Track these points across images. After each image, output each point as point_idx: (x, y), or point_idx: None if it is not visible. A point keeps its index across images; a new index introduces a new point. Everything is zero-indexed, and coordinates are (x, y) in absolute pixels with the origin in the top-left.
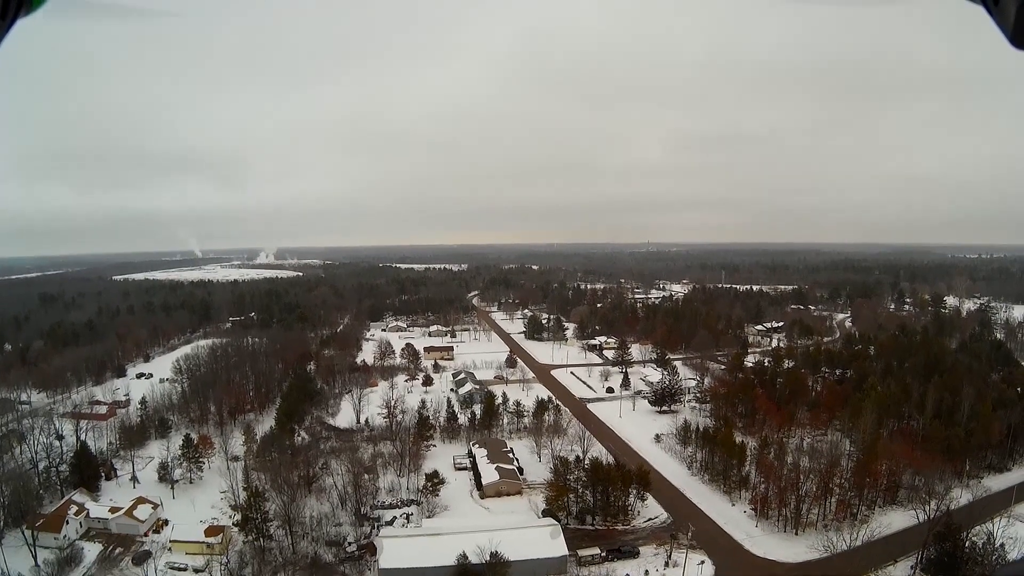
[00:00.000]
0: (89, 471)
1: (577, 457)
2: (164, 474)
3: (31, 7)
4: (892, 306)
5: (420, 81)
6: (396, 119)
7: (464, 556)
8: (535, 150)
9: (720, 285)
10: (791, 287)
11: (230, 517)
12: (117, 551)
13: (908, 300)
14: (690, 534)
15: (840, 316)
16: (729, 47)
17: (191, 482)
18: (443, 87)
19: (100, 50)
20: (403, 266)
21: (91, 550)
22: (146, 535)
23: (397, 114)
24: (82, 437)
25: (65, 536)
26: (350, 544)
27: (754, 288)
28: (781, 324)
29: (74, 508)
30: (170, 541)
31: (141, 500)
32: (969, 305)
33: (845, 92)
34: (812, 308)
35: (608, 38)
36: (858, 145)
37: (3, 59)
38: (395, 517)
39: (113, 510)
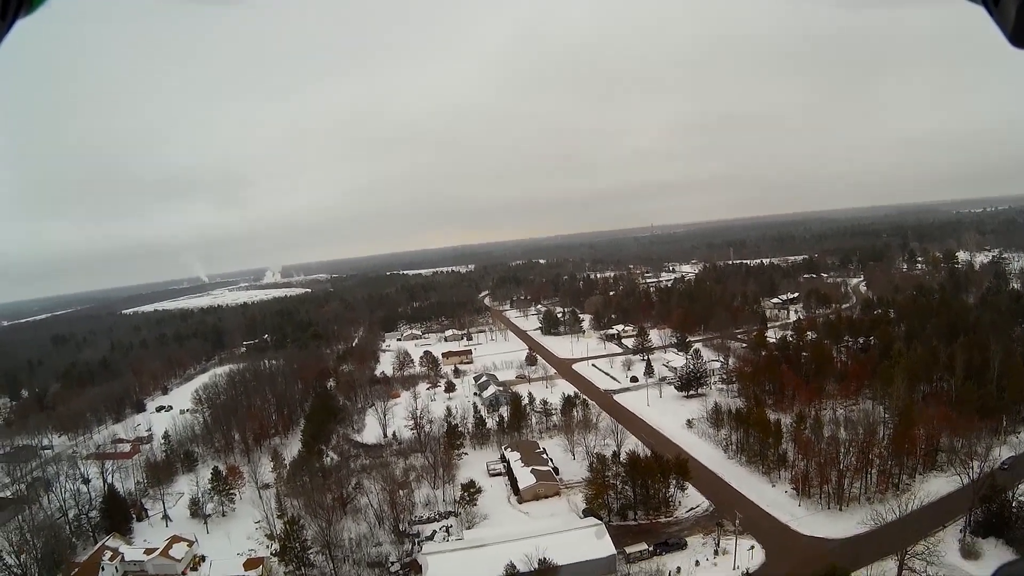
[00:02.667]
0: (119, 514)
1: (614, 452)
2: (196, 509)
3: (31, 7)
4: (904, 267)
5: (416, 81)
6: (393, 121)
7: (512, 566)
8: (535, 144)
9: (730, 262)
10: (801, 257)
11: (268, 547)
12: None
13: (919, 259)
14: (738, 522)
15: (854, 281)
16: (723, 27)
17: (224, 515)
18: (439, 87)
19: (93, 66)
20: (411, 272)
21: None
22: (184, 573)
23: (394, 116)
24: (108, 479)
25: None
26: (393, 563)
27: (764, 262)
28: (796, 295)
29: (108, 554)
30: None
31: (176, 539)
32: (981, 258)
33: (841, 63)
34: (824, 276)
35: (603, 27)
36: (857, 113)
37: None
38: (435, 531)
39: (148, 551)
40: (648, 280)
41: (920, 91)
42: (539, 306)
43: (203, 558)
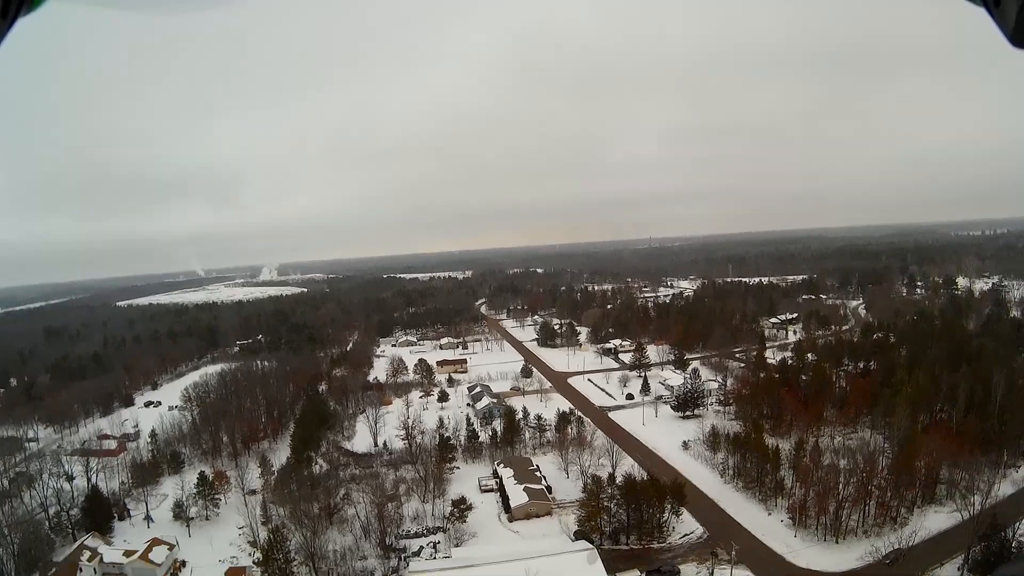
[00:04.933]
0: (101, 513)
1: (610, 474)
2: (179, 512)
3: (31, 7)
4: (904, 290)
5: (413, 88)
6: (391, 128)
7: None
8: (533, 150)
9: (728, 279)
10: (800, 277)
11: (250, 555)
12: None
13: (919, 283)
14: (734, 553)
15: (853, 303)
16: (723, 36)
17: (207, 519)
18: (437, 93)
19: (92, 70)
20: (408, 276)
21: None
22: None
23: (392, 123)
24: (92, 478)
25: None
26: None
27: (764, 280)
28: (796, 316)
29: (87, 553)
30: None
31: (157, 541)
32: (981, 285)
33: (841, 75)
34: (824, 297)
35: (601, 34)
36: (856, 128)
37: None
38: (422, 547)
39: (128, 553)
40: (646, 295)
41: (922, 107)
42: (536, 316)
43: (184, 563)
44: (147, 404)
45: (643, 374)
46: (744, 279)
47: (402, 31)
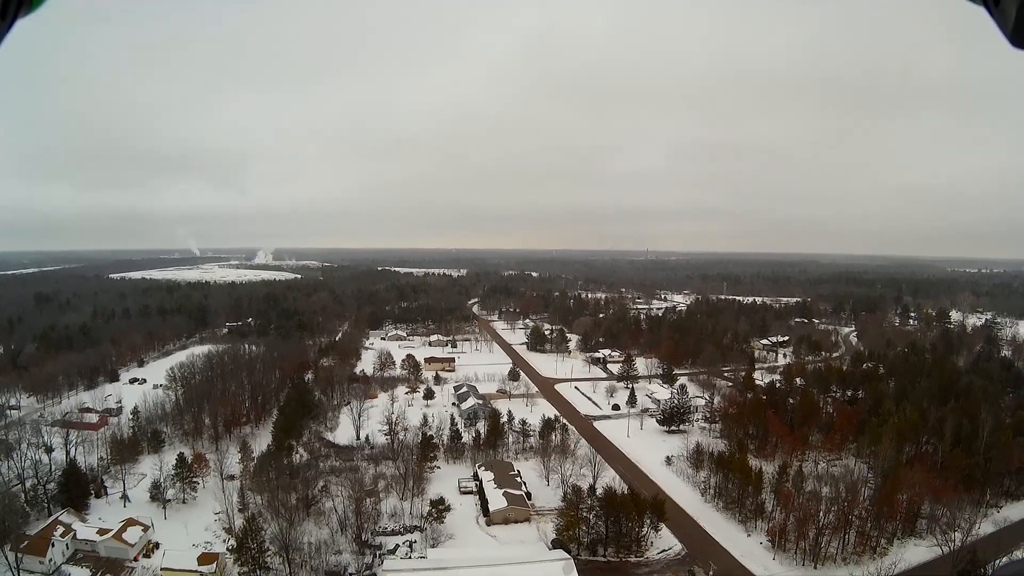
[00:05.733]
0: (78, 489)
1: (590, 485)
2: (156, 493)
3: (31, 7)
4: (897, 320)
5: (423, 86)
6: (398, 123)
7: None
8: (537, 156)
9: (722, 297)
10: (794, 300)
11: (224, 541)
12: None
13: (912, 315)
14: (712, 573)
15: (845, 330)
16: (733, 59)
17: (184, 502)
18: (446, 92)
19: (100, 51)
20: (402, 270)
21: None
22: (136, 559)
23: (399, 118)
24: (72, 452)
25: (51, 560)
26: (352, 575)
27: (758, 301)
28: (787, 338)
29: (60, 529)
30: (161, 569)
31: (131, 522)
32: (974, 320)
33: (849, 104)
34: (816, 322)
35: (613, 46)
36: (861, 157)
37: (3, 59)
38: (398, 545)
39: (101, 532)
40: (639, 306)
41: (925, 143)
42: (527, 320)
43: (157, 545)
44: (132, 381)
45: (631, 386)
46: (738, 297)
47: (413, 32)
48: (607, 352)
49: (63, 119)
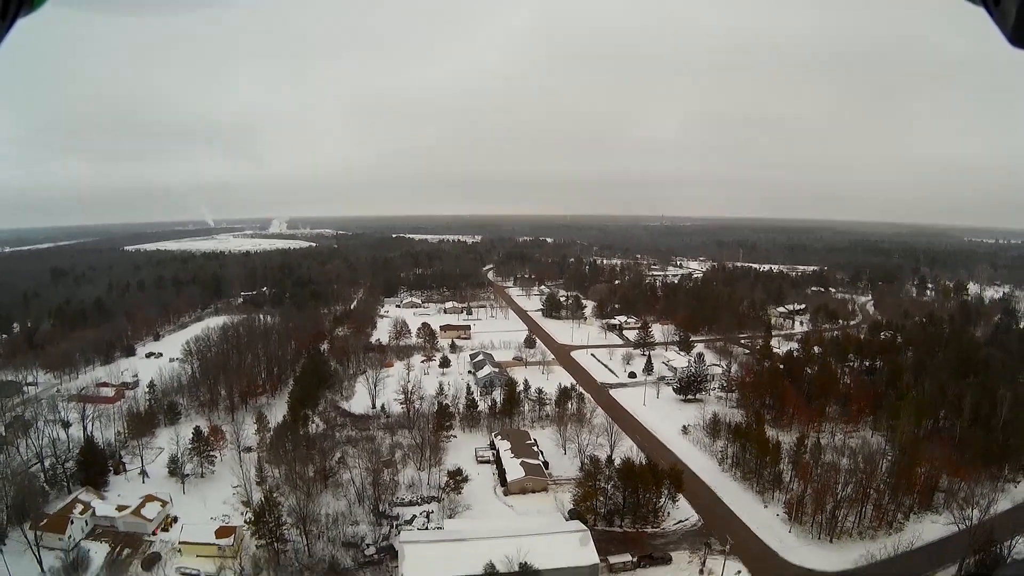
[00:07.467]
0: (96, 467)
1: (608, 455)
2: (174, 468)
3: (31, 6)
4: (914, 291)
5: (440, 55)
6: (415, 92)
7: (491, 566)
8: (552, 123)
9: (738, 264)
10: (811, 268)
11: (242, 514)
12: (125, 552)
13: (930, 285)
14: (728, 547)
15: (862, 299)
16: (750, 31)
17: (202, 476)
18: (463, 61)
19: (115, 29)
20: (416, 236)
21: (98, 551)
22: (154, 533)
23: (416, 87)
24: (89, 427)
25: (70, 537)
26: (368, 546)
27: (774, 268)
28: (804, 307)
29: (79, 507)
30: (179, 543)
31: (150, 497)
32: (991, 293)
33: (867, 80)
34: (833, 290)
35: (629, 14)
36: (882, 128)
37: (16, 42)
38: (415, 516)
39: (120, 508)
40: (655, 273)
41: (950, 116)
42: (543, 287)
43: (175, 519)
44: (148, 355)
45: (647, 353)
46: (754, 265)
47: (433, 4)
48: (623, 319)
49: (83, 96)
